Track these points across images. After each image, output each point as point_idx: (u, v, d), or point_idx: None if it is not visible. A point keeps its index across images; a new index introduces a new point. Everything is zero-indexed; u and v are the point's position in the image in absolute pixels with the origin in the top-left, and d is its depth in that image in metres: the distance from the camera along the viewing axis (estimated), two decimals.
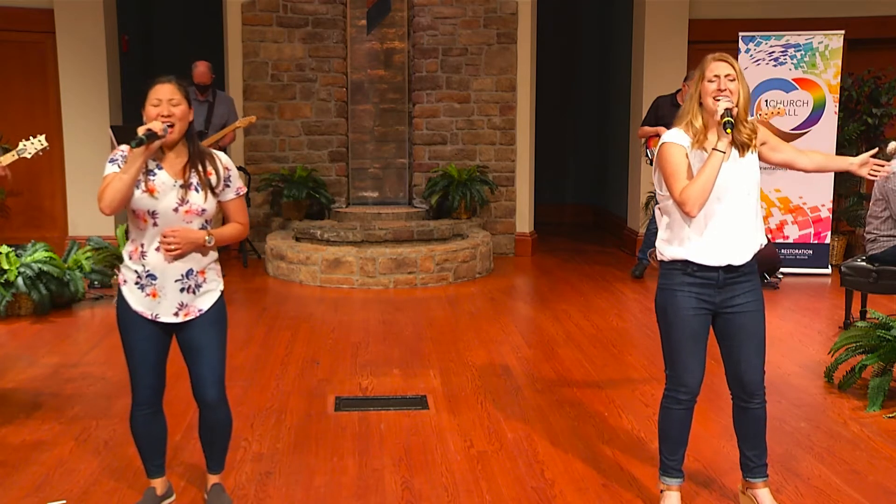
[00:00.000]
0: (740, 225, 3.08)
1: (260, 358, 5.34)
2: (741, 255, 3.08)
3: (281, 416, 4.34)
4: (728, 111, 3.00)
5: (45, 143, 4.23)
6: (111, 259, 6.88)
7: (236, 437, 3.96)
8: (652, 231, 7.84)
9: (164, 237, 2.99)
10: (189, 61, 7.86)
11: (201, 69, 7.76)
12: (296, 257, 7.69)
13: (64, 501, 3.37)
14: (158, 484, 3.32)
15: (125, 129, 7.99)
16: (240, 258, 8.42)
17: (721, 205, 3.06)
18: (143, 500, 3.27)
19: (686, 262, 3.09)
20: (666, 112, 7.72)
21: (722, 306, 3.12)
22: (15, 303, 6.29)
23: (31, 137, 4.26)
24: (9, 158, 4.21)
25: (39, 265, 6.28)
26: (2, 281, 6.19)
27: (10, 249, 6.32)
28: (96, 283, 7.04)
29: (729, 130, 2.97)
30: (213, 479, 3.36)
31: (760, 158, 3.20)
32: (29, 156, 4.23)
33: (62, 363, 5.22)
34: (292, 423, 4.24)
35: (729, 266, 3.07)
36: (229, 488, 3.45)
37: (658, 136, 7.65)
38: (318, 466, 3.74)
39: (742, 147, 3.10)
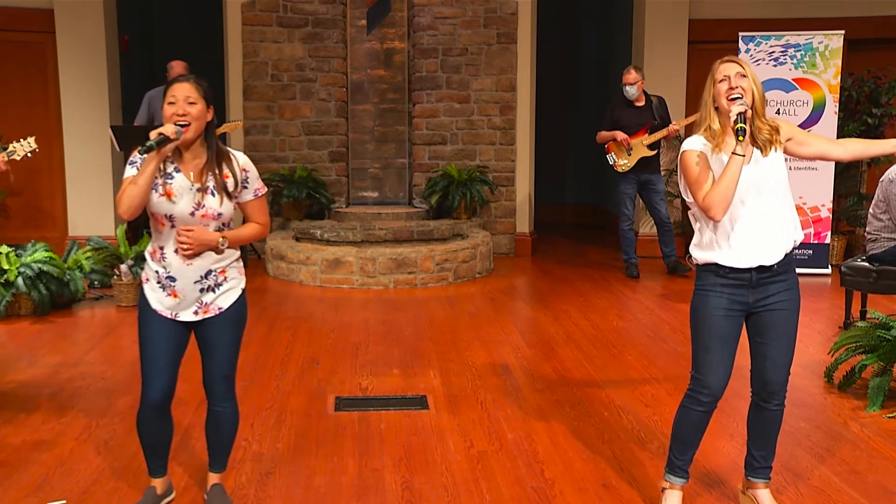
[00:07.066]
0: (768, 225, 3.04)
1: (260, 358, 5.34)
2: (772, 255, 3.05)
3: (281, 416, 4.34)
4: (741, 115, 2.94)
5: (35, 146, 4.20)
6: (111, 259, 6.87)
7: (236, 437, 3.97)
8: (624, 230, 7.88)
9: (179, 236, 3.01)
10: (189, 61, 7.83)
11: (177, 69, 7.68)
12: (296, 257, 7.69)
13: (64, 501, 3.37)
14: (159, 483, 3.32)
15: (125, 129, 7.98)
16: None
17: (746, 207, 3.03)
18: (144, 500, 3.27)
19: (718, 265, 3.07)
20: (621, 115, 7.78)
21: (755, 305, 3.10)
22: (15, 303, 6.29)
23: (20, 139, 4.23)
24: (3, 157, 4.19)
25: (39, 265, 6.28)
26: (2, 281, 6.18)
27: (10, 249, 6.32)
28: (96, 283, 7.04)
29: (741, 138, 2.91)
30: (213, 478, 3.37)
31: (789, 154, 3.14)
32: (18, 157, 4.19)
33: (62, 363, 5.22)
34: (292, 423, 4.24)
35: (761, 266, 3.05)
36: (229, 488, 3.45)
37: (615, 140, 7.68)
38: (318, 466, 3.74)
39: (764, 146, 3.06)
